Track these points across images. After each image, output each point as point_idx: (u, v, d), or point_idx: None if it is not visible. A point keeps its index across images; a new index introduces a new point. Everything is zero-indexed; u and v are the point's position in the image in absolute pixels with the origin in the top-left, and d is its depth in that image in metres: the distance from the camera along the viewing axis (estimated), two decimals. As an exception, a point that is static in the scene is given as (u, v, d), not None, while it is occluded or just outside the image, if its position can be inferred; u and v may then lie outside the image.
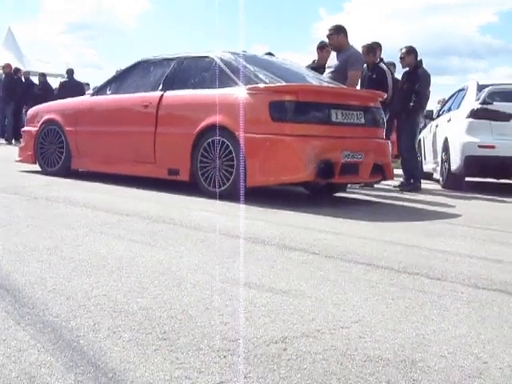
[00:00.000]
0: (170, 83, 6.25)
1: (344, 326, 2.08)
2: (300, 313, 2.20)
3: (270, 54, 8.56)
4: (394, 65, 8.86)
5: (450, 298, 2.50)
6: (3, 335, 1.80)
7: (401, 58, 7.94)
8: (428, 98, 7.99)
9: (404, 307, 2.34)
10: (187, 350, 1.79)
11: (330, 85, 6.20)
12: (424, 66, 7.99)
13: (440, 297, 2.52)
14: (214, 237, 3.66)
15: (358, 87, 7.40)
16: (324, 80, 6.41)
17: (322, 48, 8.15)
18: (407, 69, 7.99)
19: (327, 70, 7.16)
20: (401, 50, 7.94)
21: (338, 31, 7.12)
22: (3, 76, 16.14)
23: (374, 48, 7.97)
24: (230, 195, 5.28)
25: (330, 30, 7.15)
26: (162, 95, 6.17)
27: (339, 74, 6.89)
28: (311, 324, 2.08)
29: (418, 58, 7.97)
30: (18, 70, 16.47)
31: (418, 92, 7.73)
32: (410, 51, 7.88)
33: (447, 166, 8.29)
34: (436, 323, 2.15)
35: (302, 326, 2.06)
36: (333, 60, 7.24)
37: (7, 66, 15.95)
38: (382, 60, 8.16)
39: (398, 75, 8.54)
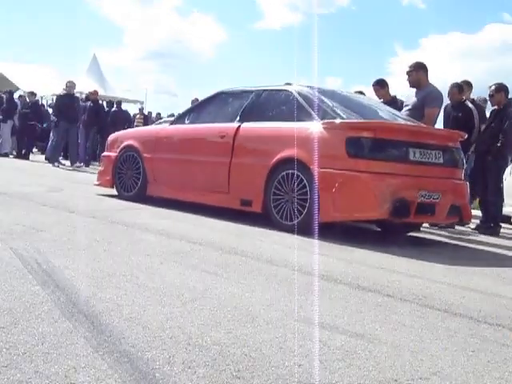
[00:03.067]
0: (248, 115, 6.32)
1: (422, 376, 2.00)
2: (376, 359, 2.14)
3: (360, 92, 8.53)
4: (485, 100, 8.56)
5: (535, 354, 2.38)
6: (82, 362, 1.83)
7: (490, 95, 7.68)
8: None
9: (486, 361, 2.24)
10: (261, 391, 1.76)
11: (409, 123, 6.11)
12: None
13: (524, 352, 2.40)
14: (287, 272, 3.63)
15: (441, 126, 7.26)
16: (403, 118, 6.33)
17: (380, 85, 8.09)
18: (495, 107, 7.72)
19: (404, 108, 7.07)
20: (490, 87, 7.68)
21: (418, 68, 7.05)
22: (88, 102, 16.72)
23: (462, 86, 7.81)
24: (302, 229, 5.25)
25: (410, 67, 7.08)
26: (239, 126, 6.25)
27: (417, 112, 6.77)
28: (388, 372, 2.01)
29: (510, 96, 7.70)
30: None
31: (506, 131, 7.42)
32: (500, 89, 7.57)
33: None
34: (521, 381, 2.05)
35: (379, 373, 2.00)
36: (410, 98, 7.14)
37: (95, 93, 16.57)
38: (473, 101, 7.96)
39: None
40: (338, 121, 5.50)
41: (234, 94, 6.82)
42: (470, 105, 7.75)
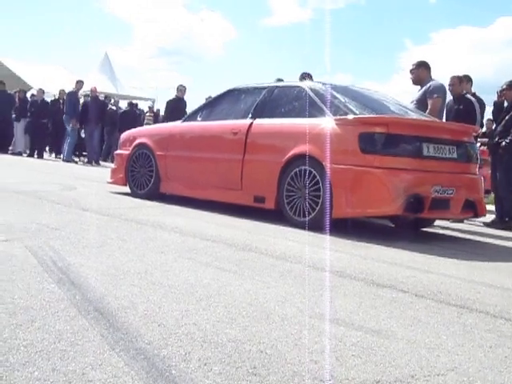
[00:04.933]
0: (260, 111, 6.32)
1: (439, 373, 1.99)
2: (392, 355, 2.13)
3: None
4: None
5: (553, 350, 2.36)
6: (99, 359, 1.84)
7: (502, 92, 7.67)
8: None
9: (503, 356, 2.22)
10: (278, 387, 1.76)
11: (422, 118, 6.08)
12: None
13: (542, 347, 2.38)
14: (301, 268, 3.63)
15: (444, 119, 7.27)
16: (415, 112, 6.29)
17: (303, 78, 8.14)
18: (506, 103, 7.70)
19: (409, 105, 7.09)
20: (502, 86, 7.69)
21: (419, 66, 7.30)
22: (88, 99, 16.66)
23: (463, 79, 7.79)
24: (315, 225, 5.24)
25: (412, 65, 7.38)
26: (252, 123, 6.25)
27: (421, 106, 6.88)
28: (405, 368, 2.00)
29: None
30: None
31: None
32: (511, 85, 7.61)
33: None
34: (540, 377, 2.03)
35: (395, 369, 1.99)
36: (415, 94, 7.26)
37: (94, 91, 16.48)
38: (474, 94, 7.96)
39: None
40: (350, 116, 5.48)
41: (246, 90, 6.81)
42: (471, 97, 7.73)
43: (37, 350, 1.88)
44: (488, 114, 8.60)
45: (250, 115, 6.35)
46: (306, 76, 8.29)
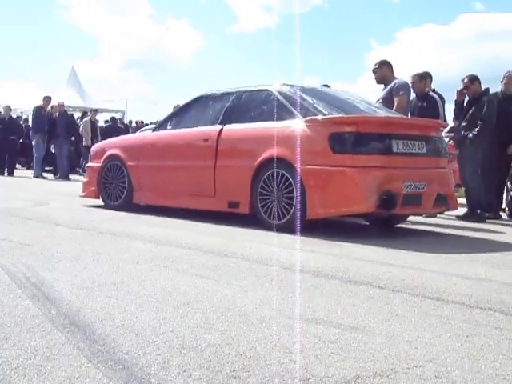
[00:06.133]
0: (229, 117, 6.32)
1: (418, 364, 2.01)
2: (371, 350, 2.14)
3: (326, 86, 8.59)
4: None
5: (528, 336, 2.39)
6: (76, 373, 1.82)
7: (466, 87, 7.78)
8: (493, 125, 7.74)
9: (480, 345, 2.25)
10: (258, 389, 1.76)
11: (390, 115, 6.14)
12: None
13: (517, 334, 2.41)
14: (277, 270, 3.63)
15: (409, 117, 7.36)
16: (383, 110, 6.35)
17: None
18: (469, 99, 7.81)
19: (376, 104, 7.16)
20: (463, 80, 7.80)
21: (382, 65, 7.43)
22: (57, 114, 16.42)
23: (424, 77, 7.89)
24: (290, 227, 5.25)
25: (375, 65, 7.51)
26: (222, 129, 6.24)
27: (386, 104, 6.96)
28: (384, 363, 2.02)
29: (484, 87, 7.82)
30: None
31: (483, 119, 7.54)
32: (473, 79, 7.73)
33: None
34: (516, 363, 2.06)
35: (375, 364, 2.00)
36: (380, 93, 7.37)
37: (62, 105, 16.23)
38: (433, 90, 8.07)
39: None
40: (320, 117, 5.51)
41: (215, 96, 6.80)
42: (434, 94, 7.83)
43: (12, 366, 1.85)
44: (448, 111, 8.67)
45: (220, 121, 6.34)
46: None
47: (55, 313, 2.47)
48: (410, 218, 6.71)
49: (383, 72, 7.36)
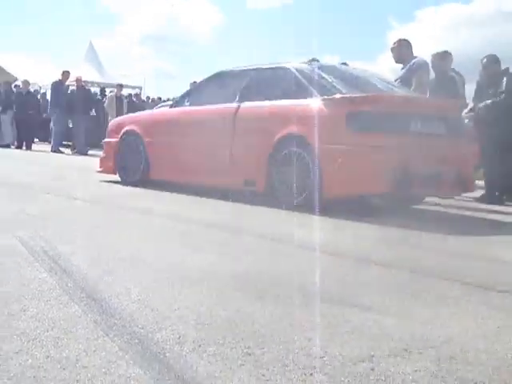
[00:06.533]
0: (247, 94, 6.28)
1: (433, 345, 2.00)
2: (386, 330, 2.14)
3: (344, 64, 8.51)
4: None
5: (544, 319, 2.38)
6: (93, 346, 1.84)
7: (484, 67, 7.66)
8: None
9: (495, 327, 2.24)
10: (272, 366, 1.77)
11: (409, 94, 6.07)
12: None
13: (534, 317, 2.40)
14: (293, 248, 3.64)
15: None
16: (402, 89, 6.29)
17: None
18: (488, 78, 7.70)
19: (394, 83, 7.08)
20: (482, 60, 7.68)
21: (400, 44, 7.32)
22: (73, 88, 16.43)
23: (444, 56, 7.78)
24: (306, 206, 5.24)
25: (394, 44, 7.41)
26: (239, 106, 6.22)
27: (405, 83, 6.88)
28: (398, 343, 2.02)
29: (504, 67, 7.70)
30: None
31: (504, 92, 7.42)
32: (493, 59, 7.62)
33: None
34: (532, 345, 2.05)
35: (389, 344, 2.00)
36: (398, 72, 7.27)
37: (80, 80, 16.26)
38: (453, 70, 7.96)
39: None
40: (337, 96, 5.46)
41: (233, 74, 6.77)
42: (454, 74, 7.72)
43: (30, 338, 1.88)
44: (469, 91, 8.55)
45: (238, 98, 6.31)
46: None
47: (72, 286, 2.49)
48: (427, 199, 6.67)
49: (402, 51, 7.26)
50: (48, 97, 17.65)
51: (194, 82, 12.69)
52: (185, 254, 3.27)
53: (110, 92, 18.41)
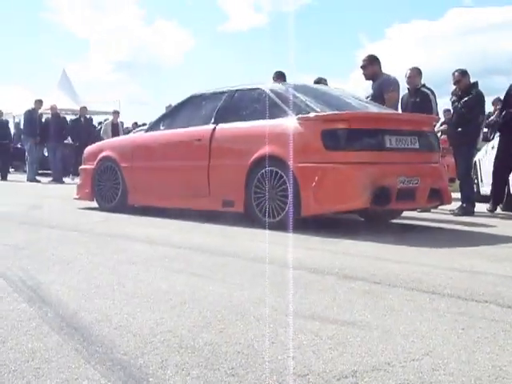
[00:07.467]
0: (222, 116, 6.32)
1: (415, 358, 2.02)
2: (368, 345, 2.15)
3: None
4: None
5: (523, 327, 2.41)
6: (75, 374, 1.82)
7: (458, 81, 7.80)
8: (484, 119, 7.80)
9: (476, 337, 2.26)
10: (257, 386, 1.76)
11: (383, 111, 6.16)
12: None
13: (513, 325, 2.42)
14: (273, 268, 3.63)
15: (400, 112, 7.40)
16: (375, 106, 6.37)
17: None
18: (459, 93, 7.86)
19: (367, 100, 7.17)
20: (454, 73, 7.83)
21: (371, 61, 7.38)
22: (48, 116, 16.38)
23: (416, 73, 7.90)
24: (285, 225, 5.25)
25: (363, 61, 7.45)
26: (215, 128, 6.24)
27: (376, 101, 6.93)
28: (381, 357, 2.03)
29: (472, 80, 7.87)
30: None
31: (476, 114, 7.59)
32: (464, 73, 7.78)
33: (506, 189, 8.07)
34: (512, 354, 2.07)
35: (372, 358, 2.01)
36: (368, 90, 7.35)
37: (54, 108, 16.19)
38: (424, 85, 8.10)
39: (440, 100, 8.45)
40: (312, 115, 5.51)
41: (207, 96, 6.80)
42: (426, 89, 7.84)
43: (10, 369, 1.85)
44: (442, 104, 8.76)
45: (213, 120, 6.34)
46: (279, 76, 8.34)
47: (52, 315, 2.47)
48: (404, 214, 6.73)
49: (372, 68, 7.33)
50: (22, 126, 17.54)
51: (170, 106, 12.73)
52: (165, 278, 3.26)
53: (105, 120, 18.30)
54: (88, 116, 17.43)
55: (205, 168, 6.20)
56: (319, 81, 8.48)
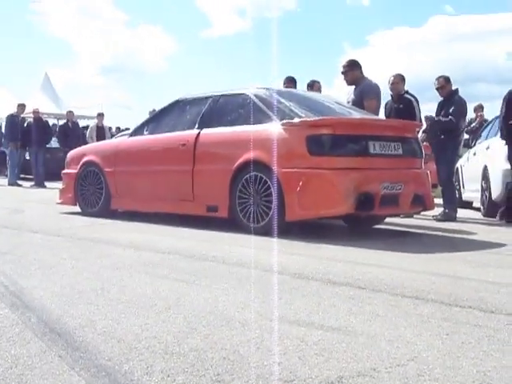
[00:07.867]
0: (207, 121, 6.31)
1: (400, 363, 2.03)
2: (353, 350, 2.16)
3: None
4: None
5: (507, 332, 2.43)
6: (58, 381, 1.80)
7: (440, 87, 7.88)
8: (466, 125, 7.89)
9: (460, 343, 2.27)
10: (243, 392, 1.76)
11: (367, 116, 6.19)
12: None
13: (496, 331, 2.44)
14: (258, 273, 3.63)
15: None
16: (359, 112, 6.40)
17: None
18: (442, 98, 7.95)
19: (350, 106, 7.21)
20: (438, 79, 7.91)
21: (352, 66, 7.34)
22: (30, 120, 16.26)
23: (400, 79, 7.95)
24: (269, 230, 5.25)
25: (344, 67, 7.39)
26: (199, 133, 6.23)
27: (357, 106, 6.94)
28: (366, 362, 2.03)
29: (454, 87, 7.96)
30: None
31: (454, 115, 7.68)
32: (448, 79, 7.87)
33: (487, 195, 8.16)
34: (496, 359, 2.08)
35: (357, 364, 2.01)
36: (350, 95, 7.35)
37: (36, 112, 16.07)
38: (407, 92, 8.16)
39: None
40: (296, 120, 5.52)
41: (191, 101, 6.79)
42: (409, 96, 7.89)
43: (-7, 376, 1.83)
44: (426, 111, 8.84)
45: (197, 125, 6.33)
46: (290, 80, 8.37)
47: (35, 321, 2.45)
48: (388, 219, 6.76)
49: (352, 73, 7.30)
50: (3, 130, 17.39)
51: (153, 110, 12.69)
52: (149, 284, 3.24)
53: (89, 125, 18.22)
54: (75, 120, 17.30)
55: (189, 173, 6.18)
56: (312, 84, 8.51)
